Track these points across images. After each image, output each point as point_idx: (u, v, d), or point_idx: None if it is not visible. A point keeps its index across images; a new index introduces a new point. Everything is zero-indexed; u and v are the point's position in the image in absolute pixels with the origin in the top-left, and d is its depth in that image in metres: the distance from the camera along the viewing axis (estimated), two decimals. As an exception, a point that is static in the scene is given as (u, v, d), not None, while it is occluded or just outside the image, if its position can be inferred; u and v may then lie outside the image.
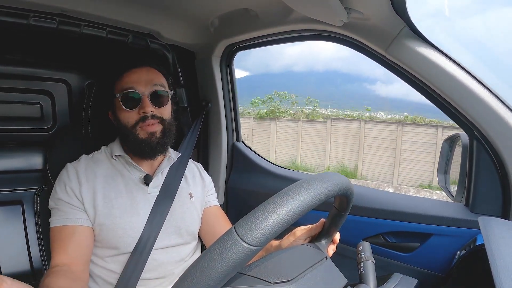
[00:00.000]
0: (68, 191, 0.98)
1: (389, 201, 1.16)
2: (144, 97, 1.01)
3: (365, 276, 0.72)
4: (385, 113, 14.18)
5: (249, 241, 0.44)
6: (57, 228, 0.96)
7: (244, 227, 0.45)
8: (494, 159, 0.97)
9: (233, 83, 1.57)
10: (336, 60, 76.74)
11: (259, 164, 1.51)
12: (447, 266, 1.02)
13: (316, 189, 0.53)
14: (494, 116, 0.92)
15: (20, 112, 1.23)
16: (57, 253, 0.93)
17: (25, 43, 1.24)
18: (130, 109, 1.01)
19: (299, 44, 77.34)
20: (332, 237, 0.82)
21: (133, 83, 1.02)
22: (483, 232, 0.74)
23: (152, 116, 1.02)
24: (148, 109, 1.01)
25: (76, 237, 0.95)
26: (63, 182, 1.00)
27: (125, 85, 1.02)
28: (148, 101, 1.02)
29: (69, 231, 0.95)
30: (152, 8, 1.25)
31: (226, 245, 0.44)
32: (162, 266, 1.02)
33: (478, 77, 0.94)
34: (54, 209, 0.99)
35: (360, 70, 53.14)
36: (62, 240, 0.95)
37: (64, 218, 0.96)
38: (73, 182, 0.99)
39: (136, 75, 1.04)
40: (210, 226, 1.17)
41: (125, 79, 1.04)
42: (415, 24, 0.96)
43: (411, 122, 11.45)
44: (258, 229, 0.45)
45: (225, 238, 0.45)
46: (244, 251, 0.44)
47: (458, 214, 1.03)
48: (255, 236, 0.44)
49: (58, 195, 0.99)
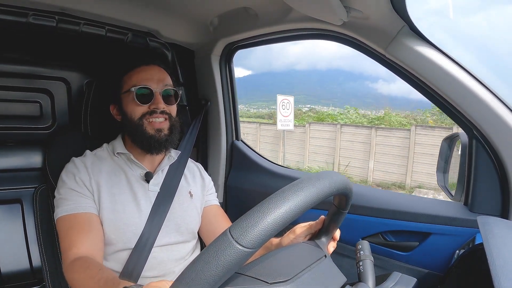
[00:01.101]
0: (78, 182, 0.98)
1: (388, 200, 1.17)
2: (156, 94, 1.04)
3: (364, 275, 0.72)
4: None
5: (243, 243, 0.44)
6: (67, 217, 0.94)
7: (238, 229, 0.45)
8: (493, 158, 0.97)
9: (233, 82, 1.57)
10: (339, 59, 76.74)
11: (258, 162, 1.51)
12: (446, 265, 1.02)
13: (312, 189, 0.52)
14: (493, 116, 0.92)
15: (19, 111, 1.23)
16: (76, 242, 0.90)
17: (24, 42, 1.24)
18: (142, 104, 1.04)
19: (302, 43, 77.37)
20: (332, 234, 0.82)
21: (147, 80, 1.05)
22: (482, 231, 0.74)
23: (161, 111, 1.05)
24: (161, 106, 1.04)
25: (94, 225, 0.95)
26: (72, 173, 1.00)
27: (138, 81, 1.04)
28: (161, 98, 1.05)
29: (86, 218, 0.95)
30: (152, 7, 1.25)
31: (220, 248, 0.44)
32: (162, 264, 1.03)
33: (478, 76, 0.94)
34: (61, 199, 0.97)
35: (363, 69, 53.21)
36: (79, 229, 0.92)
37: (77, 206, 0.96)
38: (82, 173, 1.00)
39: (148, 72, 1.06)
40: (210, 225, 1.17)
41: (136, 75, 1.06)
42: (415, 23, 0.96)
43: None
44: (253, 231, 0.45)
45: (220, 240, 0.45)
46: (239, 254, 0.44)
47: (457, 213, 1.03)
48: (249, 238, 0.44)
49: (67, 185, 0.98)
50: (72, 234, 0.92)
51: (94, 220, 0.96)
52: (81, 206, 0.96)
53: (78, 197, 0.97)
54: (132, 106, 1.05)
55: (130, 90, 1.03)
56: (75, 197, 0.97)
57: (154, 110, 1.04)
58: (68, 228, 0.93)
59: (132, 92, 1.03)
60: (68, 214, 0.95)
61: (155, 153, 1.08)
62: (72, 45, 1.32)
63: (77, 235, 0.91)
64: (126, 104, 1.06)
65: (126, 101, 1.06)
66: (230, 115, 1.57)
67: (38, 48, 1.26)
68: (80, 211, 0.95)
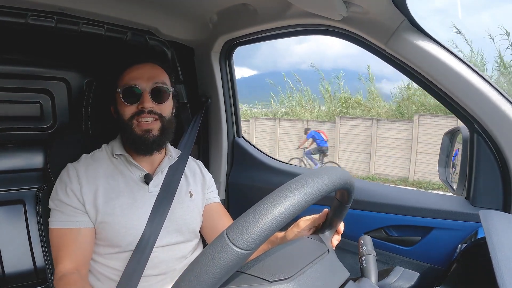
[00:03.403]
0: (68, 193, 0.98)
1: (390, 195, 1.17)
2: (144, 93, 1.02)
3: (366, 270, 0.72)
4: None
5: (240, 245, 0.44)
6: (58, 230, 0.96)
7: (235, 232, 0.45)
8: (495, 152, 0.96)
9: (233, 79, 1.56)
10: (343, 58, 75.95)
11: (260, 159, 1.51)
12: (448, 260, 1.02)
13: (310, 187, 0.52)
14: (494, 110, 0.91)
15: (20, 112, 1.23)
16: (63, 259, 0.93)
17: (24, 42, 1.23)
18: (130, 104, 1.02)
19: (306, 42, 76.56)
20: (336, 228, 0.82)
21: (135, 79, 1.03)
22: (484, 225, 0.74)
23: (149, 111, 1.02)
24: (148, 105, 1.02)
25: (80, 241, 0.95)
26: (64, 183, 1.00)
27: (127, 81, 1.03)
28: (149, 97, 1.02)
29: (73, 234, 0.95)
30: (150, 5, 1.24)
31: (218, 250, 0.44)
32: (164, 263, 1.03)
33: (478, 70, 0.94)
34: (55, 210, 0.99)
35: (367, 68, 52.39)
36: (66, 245, 0.94)
37: (65, 220, 0.96)
38: (73, 184, 0.99)
39: (138, 71, 1.05)
40: (212, 223, 1.17)
41: (128, 74, 1.04)
42: (416, 18, 0.96)
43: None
44: (249, 233, 0.45)
45: (217, 243, 0.45)
46: (236, 256, 0.44)
47: (459, 208, 1.03)
48: (246, 240, 0.44)
49: (58, 196, 0.98)
50: (59, 250, 0.95)
51: (82, 234, 0.97)
52: (70, 220, 0.96)
53: (68, 210, 0.97)
54: (122, 106, 1.04)
55: (118, 91, 1.03)
56: (65, 210, 0.97)
57: (142, 110, 1.02)
58: (57, 242, 0.96)
59: (119, 93, 1.03)
60: (57, 228, 0.96)
61: (143, 154, 1.05)
62: (72, 45, 1.32)
63: (64, 252, 0.94)
64: (118, 104, 1.06)
65: (118, 101, 1.05)
66: (231, 112, 1.57)
67: (37, 49, 1.26)
68: (69, 226, 0.96)
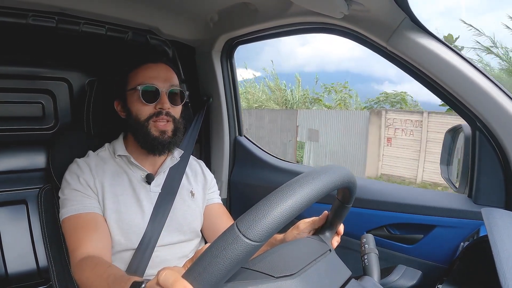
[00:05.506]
0: (82, 182, 0.98)
1: (393, 193, 1.16)
2: (162, 93, 1.03)
3: (369, 268, 0.72)
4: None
5: (250, 237, 0.44)
6: (73, 217, 0.94)
7: (245, 223, 0.45)
8: (497, 150, 0.96)
9: (234, 78, 1.56)
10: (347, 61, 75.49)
11: (262, 158, 1.51)
12: (451, 258, 1.02)
13: (318, 182, 0.52)
14: (497, 107, 0.91)
15: (22, 112, 1.23)
16: (83, 242, 0.89)
17: (25, 43, 1.23)
18: (148, 103, 1.02)
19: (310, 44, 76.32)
20: (336, 229, 0.81)
21: (153, 79, 1.03)
22: (486, 223, 0.74)
23: (166, 113, 1.03)
24: (166, 105, 1.03)
25: (99, 225, 0.95)
26: (76, 174, 1.00)
27: (145, 79, 1.03)
28: (166, 98, 1.03)
29: (91, 218, 0.95)
30: (151, 4, 1.25)
31: (228, 242, 0.44)
32: (165, 262, 1.03)
33: (480, 68, 0.94)
34: (67, 200, 0.97)
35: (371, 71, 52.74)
36: (85, 228, 0.92)
37: (82, 206, 0.96)
38: (86, 174, 1.00)
39: (155, 70, 1.05)
40: (212, 223, 1.17)
41: (142, 72, 1.04)
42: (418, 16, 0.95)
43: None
44: (260, 224, 0.45)
45: (227, 234, 0.45)
46: (246, 247, 0.44)
47: (461, 206, 1.03)
48: (256, 231, 0.44)
49: (71, 185, 0.98)
50: (78, 234, 0.92)
51: (100, 219, 0.96)
52: (86, 206, 0.96)
53: (82, 197, 0.97)
54: (138, 105, 1.03)
55: (136, 88, 1.02)
56: (80, 198, 0.97)
57: (160, 111, 1.02)
58: (74, 228, 0.93)
59: (137, 91, 1.01)
60: (73, 215, 0.95)
61: (158, 154, 1.06)
62: (73, 45, 1.32)
63: (84, 235, 0.91)
64: (131, 102, 1.05)
65: (131, 99, 1.05)
66: (233, 110, 1.57)
67: (38, 49, 1.26)
68: (85, 211, 0.95)
